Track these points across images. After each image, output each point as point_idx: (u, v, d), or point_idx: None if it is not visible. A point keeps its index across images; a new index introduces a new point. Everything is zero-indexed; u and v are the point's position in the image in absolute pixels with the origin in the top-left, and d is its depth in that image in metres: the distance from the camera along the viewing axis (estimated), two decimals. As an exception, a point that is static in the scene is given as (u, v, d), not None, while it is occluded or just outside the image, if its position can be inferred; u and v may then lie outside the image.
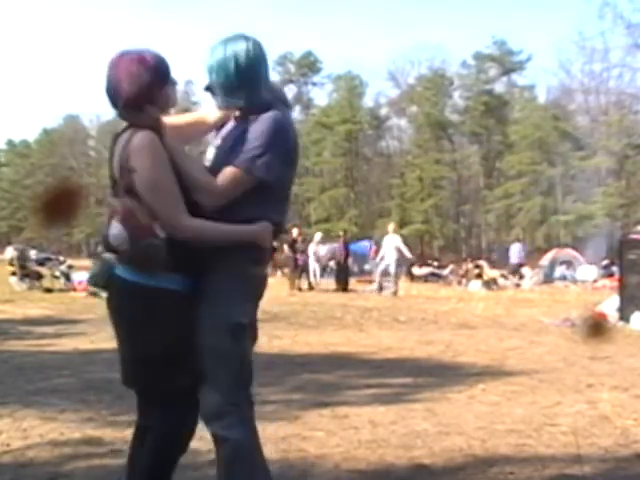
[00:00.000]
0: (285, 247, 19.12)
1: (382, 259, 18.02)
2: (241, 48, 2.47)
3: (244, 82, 2.48)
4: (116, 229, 2.37)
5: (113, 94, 2.43)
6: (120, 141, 2.45)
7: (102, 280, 2.61)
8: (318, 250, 21.54)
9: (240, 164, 2.45)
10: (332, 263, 22.39)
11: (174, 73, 2.51)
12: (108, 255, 2.50)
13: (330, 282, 20.66)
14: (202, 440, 2.81)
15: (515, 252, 24.13)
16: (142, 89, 2.39)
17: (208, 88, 2.55)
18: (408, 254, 18.60)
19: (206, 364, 2.42)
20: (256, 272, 2.56)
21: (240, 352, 2.47)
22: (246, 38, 2.51)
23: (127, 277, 2.45)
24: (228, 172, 2.45)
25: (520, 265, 23.99)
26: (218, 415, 2.42)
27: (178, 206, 2.40)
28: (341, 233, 22.90)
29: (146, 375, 2.46)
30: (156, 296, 2.41)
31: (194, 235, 2.41)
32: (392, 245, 17.86)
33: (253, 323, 2.58)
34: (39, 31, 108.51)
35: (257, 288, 2.58)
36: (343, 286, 19.48)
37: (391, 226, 19.22)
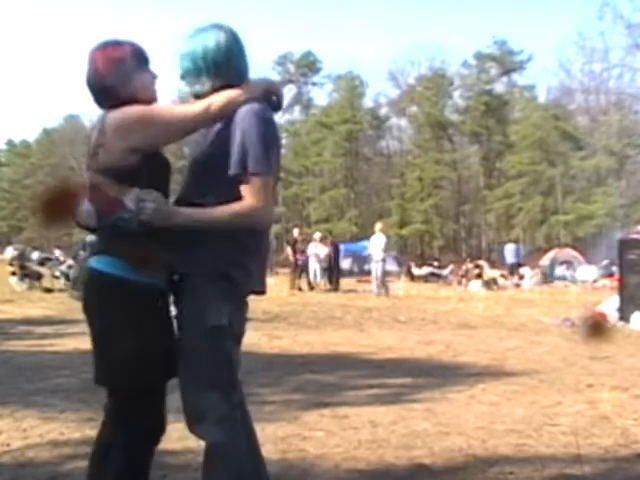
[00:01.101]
0: (288, 247, 19.13)
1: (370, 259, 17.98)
2: (211, 36, 2.43)
3: (210, 69, 2.42)
4: (86, 205, 2.34)
5: (87, 81, 2.43)
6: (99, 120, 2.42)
7: (83, 280, 2.53)
8: (318, 250, 21.47)
9: None
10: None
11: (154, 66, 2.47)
12: (83, 254, 2.45)
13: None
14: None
15: (510, 252, 24.17)
16: (96, 73, 2.37)
17: (182, 77, 2.49)
18: (380, 254, 17.62)
19: (185, 366, 2.37)
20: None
21: (219, 354, 2.37)
22: (219, 27, 2.46)
23: (100, 268, 2.35)
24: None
25: (518, 265, 24.02)
26: (198, 418, 2.36)
27: None
28: (327, 235, 23.02)
29: (117, 373, 2.40)
30: (129, 290, 2.31)
31: None
32: (378, 245, 17.72)
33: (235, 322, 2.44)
34: (39, 31, 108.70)
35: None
36: (334, 286, 19.55)
37: (378, 225, 18.97)
